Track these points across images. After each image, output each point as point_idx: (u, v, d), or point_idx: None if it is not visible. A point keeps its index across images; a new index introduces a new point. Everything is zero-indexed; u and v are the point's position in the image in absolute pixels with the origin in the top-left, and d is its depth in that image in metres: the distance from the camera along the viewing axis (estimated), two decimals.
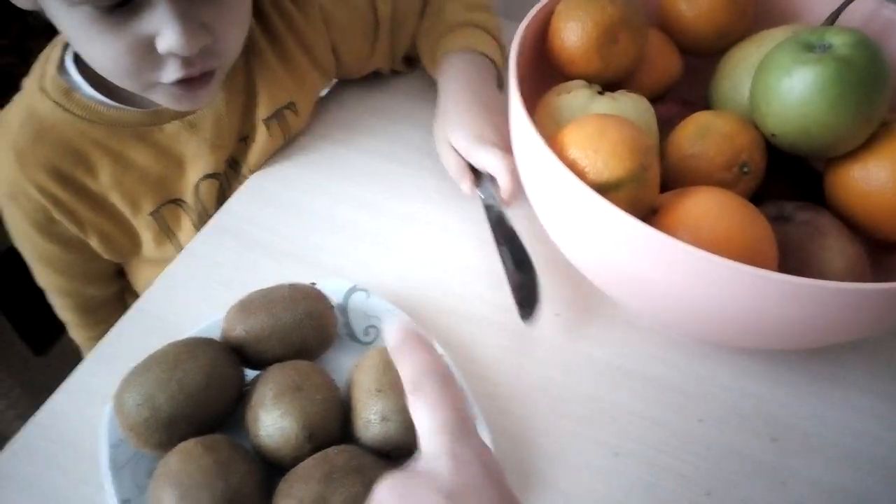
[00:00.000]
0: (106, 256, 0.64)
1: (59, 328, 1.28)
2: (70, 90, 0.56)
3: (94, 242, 0.62)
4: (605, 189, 0.41)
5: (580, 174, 0.42)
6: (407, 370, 0.33)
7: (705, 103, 0.59)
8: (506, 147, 0.54)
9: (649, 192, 0.44)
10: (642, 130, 0.44)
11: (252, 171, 0.64)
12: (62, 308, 0.71)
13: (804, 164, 0.54)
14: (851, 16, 0.55)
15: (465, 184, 0.58)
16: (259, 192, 0.63)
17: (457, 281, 0.56)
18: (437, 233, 0.60)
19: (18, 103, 0.58)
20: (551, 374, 0.51)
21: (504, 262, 0.54)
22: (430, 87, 0.67)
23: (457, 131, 0.58)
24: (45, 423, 0.48)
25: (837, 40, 0.46)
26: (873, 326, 0.43)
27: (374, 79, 0.73)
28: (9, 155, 0.57)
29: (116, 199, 0.60)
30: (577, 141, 0.43)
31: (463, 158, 0.58)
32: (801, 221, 0.48)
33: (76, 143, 0.57)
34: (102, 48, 0.49)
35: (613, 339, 0.53)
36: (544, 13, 0.53)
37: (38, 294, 0.73)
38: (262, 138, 0.63)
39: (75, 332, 0.75)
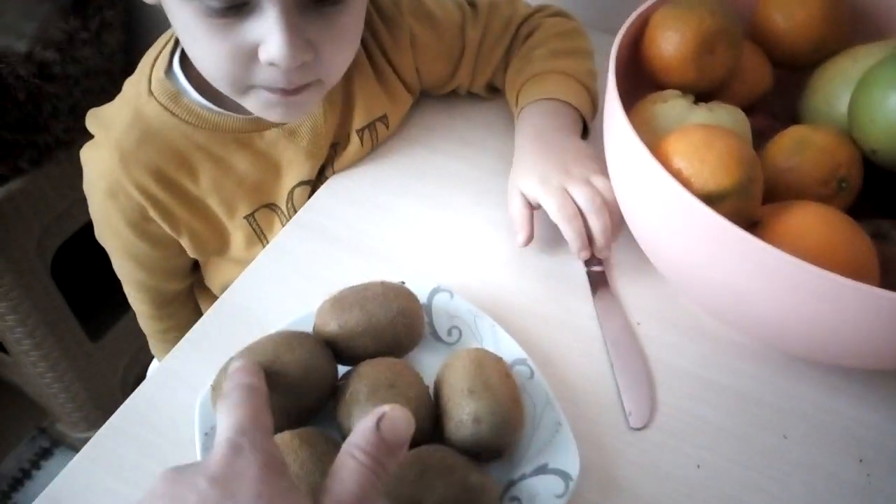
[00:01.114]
0: (192, 255, 0.66)
1: (114, 315, 1.31)
2: (177, 94, 0.58)
3: (184, 242, 0.64)
4: (710, 200, 0.41)
5: (685, 184, 0.42)
6: (225, 387, 0.36)
7: (794, 118, 0.58)
8: (578, 181, 0.54)
9: (753, 205, 0.44)
10: (748, 143, 0.44)
11: None
12: (138, 301, 0.73)
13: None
14: None
15: (522, 235, 0.56)
16: (342, 190, 0.64)
17: (536, 285, 0.56)
18: (512, 235, 0.60)
19: (124, 104, 0.60)
20: None
21: (611, 356, 0.52)
22: None
23: (523, 177, 0.56)
24: (135, 408, 0.49)
25: None
26: None
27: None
28: (113, 154, 0.58)
29: (214, 202, 0.62)
30: (683, 150, 0.43)
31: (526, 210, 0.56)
32: None
33: (180, 146, 0.59)
34: (207, 48, 0.50)
35: (697, 349, 0.53)
36: (640, 22, 0.53)
37: (98, 281, 0.74)
38: (353, 147, 0.65)
39: (146, 323, 0.76)
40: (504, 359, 0.47)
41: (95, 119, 0.60)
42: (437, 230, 0.60)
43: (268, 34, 0.47)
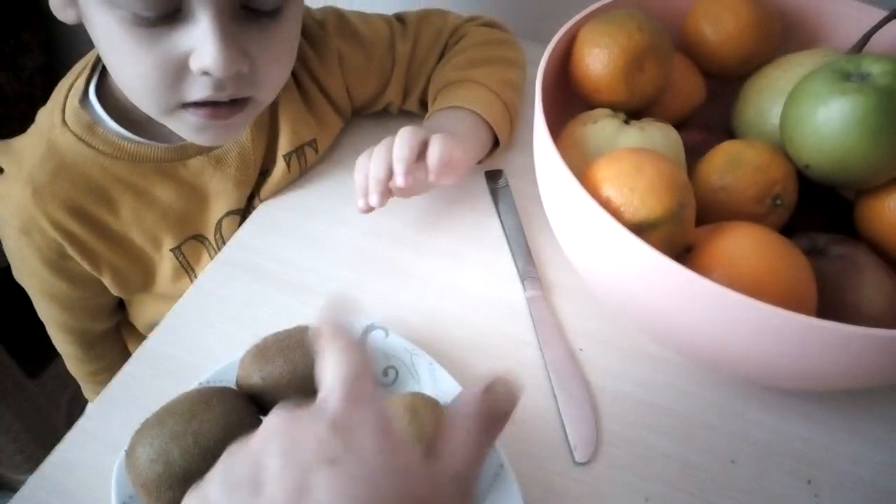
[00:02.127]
0: (115, 293, 0.62)
1: (53, 350, 1.25)
2: (93, 124, 0.54)
3: (106, 279, 0.60)
4: (641, 229, 0.40)
5: (615, 213, 0.40)
6: (326, 332, 0.31)
7: (728, 129, 0.57)
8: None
9: (685, 230, 0.42)
10: (679, 166, 0.42)
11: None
12: (62, 342, 0.69)
13: (834, 194, 0.53)
14: (881, 41, 0.54)
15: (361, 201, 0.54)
16: (269, 221, 0.61)
17: (476, 314, 0.54)
18: (455, 264, 0.58)
19: (36, 135, 0.56)
20: None
21: (554, 387, 0.50)
22: None
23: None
24: (51, 475, 0.45)
25: (876, 69, 0.44)
26: None
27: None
28: (25, 189, 0.54)
29: (137, 236, 0.59)
30: (612, 177, 0.41)
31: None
32: (837, 256, 0.47)
33: (98, 179, 0.55)
34: (133, 61, 0.46)
35: (640, 373, 0.51)
36: (567, 38, 0.52)
37: (32, 317, 0.71)
38: (279, 172, 0.62)
39: (74, 365, 0.73)
40: (440, 399, 0.44)
41: (6, 152, 0.57)
42: (370, 259, 0.58)
43: (201, 42, 0.45)
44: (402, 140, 0.51)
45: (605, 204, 0.41)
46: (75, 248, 0.57)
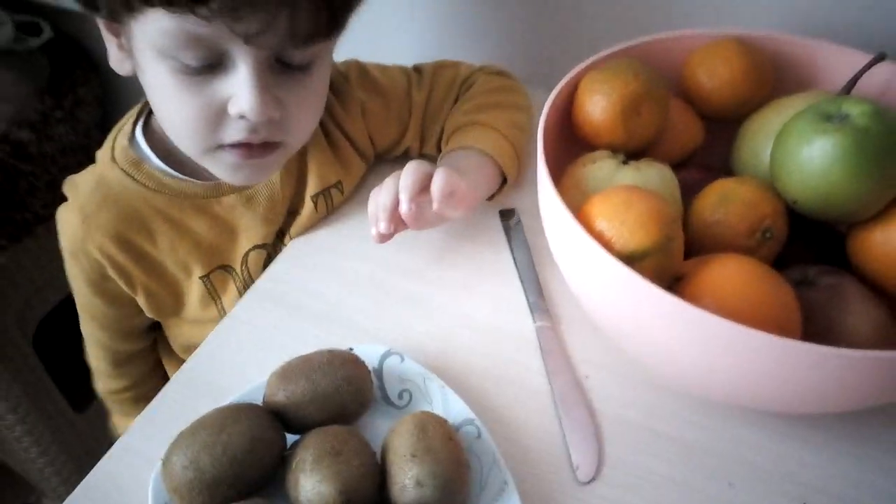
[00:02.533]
0: (149, 314, 0.68)
1: None
2: (139, 161, 0.61)
3: (141, 300, 0.66)
4: (631, 259, 0.43)
5: (607, 245, 0.44)
6: None
7: (727, 168, 0.61)
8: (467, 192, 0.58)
9: (674, 261, 0.45)
10: (667, 201, 0.46)
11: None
12: (95, 358, 0.75)
13: (827, 227, 0.56)
14: (870, 82, 0.57)
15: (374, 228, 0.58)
16: (300, 257, 0.66)
17: (487, 343, 0.58)
18: (469, 296, 0.62)
19: (91, 171, 0.63)
20: None
21: (559, 412, 0.53)
22: None
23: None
24: (95, 485, 0.50)
25: (855, 110, 0.48)
26: None
27: None
28: (77, 217, 0.61)
29: (171, 263, 0.64)
30: (605, 212, 0.45)
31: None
32: (825, 286, 0.49)
33: (140, 210, 0.62)
34: (178, 104, 0.53)
35: (643, 400, 0.54)
36: (570, 86, 0.56)
37: (79, 353, 0.76)
38: (307, 212, 0.67)
39: (103, 381, 0.78)
40: (450, 420, 0.48)
41: (70, 185, 0.64)
42: (391, 292, 0.62)
43: (239, 89, 0.51)
44: (407, 171, 0.56)
45: (598, 236, 0.44)
46: (115, 271, 0.63)
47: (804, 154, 0.48)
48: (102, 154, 0.63)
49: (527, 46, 0.85)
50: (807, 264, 0.52)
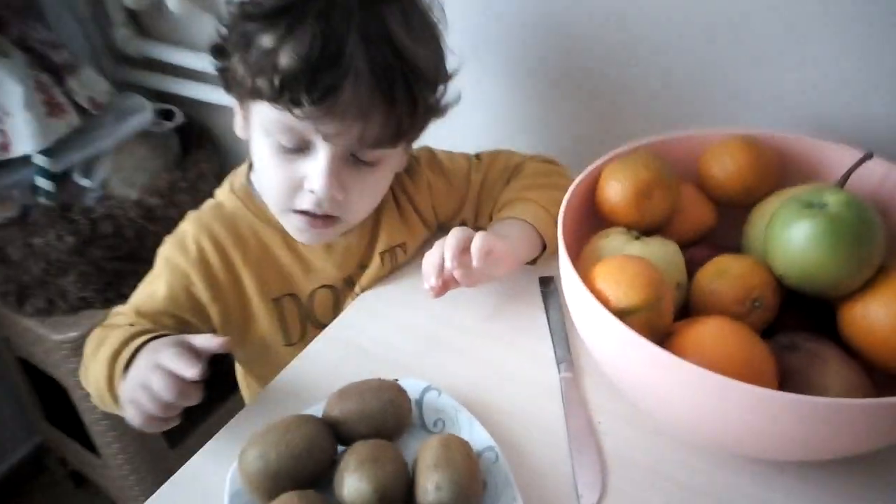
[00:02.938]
0: (216, 324, 0.76)
1: (192, 422, 1.46)
2: (252, 195, 0.77)
3: (213, 311, 0.75)
4: (623, 314, 0.52)
5: (604, 301, 0.53)
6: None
7: (739, 249, 0.68)
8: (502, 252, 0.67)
9: (663, 318, 0.54)
10: (657, 268, 0.55)
11: (363, 290, 0.81)
12: (119, 315, 0.74)
13: (822, 301, 0.62)
14: (869, 176, 0.65)
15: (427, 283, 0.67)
16: (365, 307, 0.78)
17: (518, 388, 0.67)
18: (506, 349, 0.71)
19: (211, 201, 0.79)
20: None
21: (571, 449, 0.61)
22: None
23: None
24: (182, 481, 0.62)
25: (831, 199, 0.56)
26: (868, 439, 0.50)
27: None
28: (192, 224, 0.76)
29: (249, 280, 0.76)
30: (604, 275, 0.55)
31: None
32: (807, 350, 0.56)
33: (241, 228, 0.76)
34: (271, 171, 0.68)
35: (650, 445, 0.61)
36: (594, 174, 0.67)
37: None
38: (375, 266, 0.80)
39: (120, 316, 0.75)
40: (474, 446, 0.57)
41: (197, 209, 0.79)
42: (440, 340, 0.73)
43: (314, 171, 0.66)
44: (452, 234, 0.67)
45: (598, 294, 0.54)
46: (203, 273, 0.73)
47: (787, 235, 0.56)
48: (221, 190, 0.79)
49: (570, 137, 0.97)
50: (798, 332, 0.59)
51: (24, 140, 1.08)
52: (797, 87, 0.77)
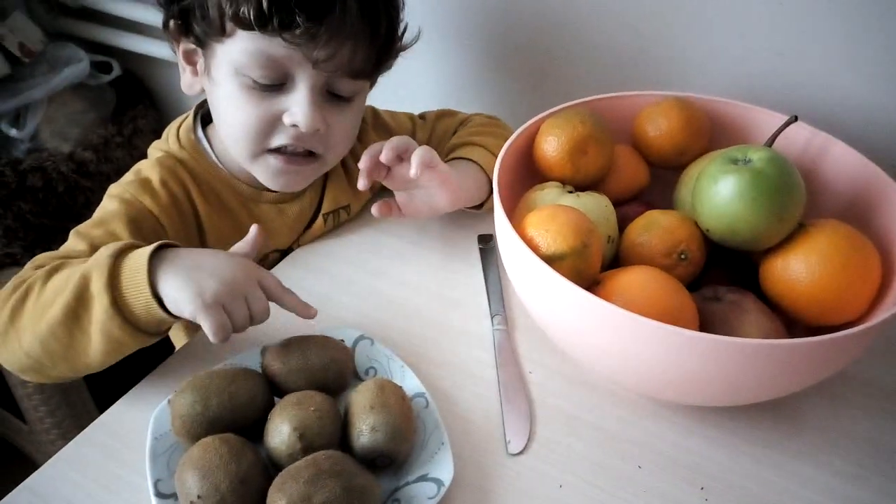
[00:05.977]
0: None
1: (123, 386, 1.42)
2: (202, 151, 0.73)
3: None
4: (551, 259, 0.53)
5: (534, 248, 0.54)
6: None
7: (670, 207, 0.70)
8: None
9: (591, 265, 0.55)
10: (587, 217, 0.56)
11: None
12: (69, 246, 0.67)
13: (743, 255, 0.64)
14: (794, 139, 0.67)
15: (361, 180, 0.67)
16: (303, 262, 0.77)
17: (451, 339, 0.67)
18: (442, 302, 0.72)
19: (155, 153, 0.73)
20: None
21: (501, 397, 0.62)
22: None
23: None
24: (107, 423, 0.60)
25: (755, 156, 0.57)
26: (782, 382, 0.52)
27: None
28: (158, 169, 0.70)
29: (210, 234, 0.73)
30: (534, 222, 0.55)
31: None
32: (729, 301, 0.58)
33: (204, 176, 0.73)
34: (243, 113, 0.65)
35: (576, 394, 0.62)
36: (531, 129, 0.67)
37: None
38: (318, 226, 0.80)
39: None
40: (405, 389, 0.57)
41: (140, 164, 0.73)
42: (375, 294, 0.72)
43: (295, 105, 0.64)
44: (398, 137, 0.67)
45: (528, 241, 0.54)
46: (173, 218, 0.70)
47: (713, 190, 0.58)
48: (165, 143, 0.73)
49: (510, 98, 0.98)
50: (721, 285, 0.61)
51: None
52: (733, 55, 0.79)
